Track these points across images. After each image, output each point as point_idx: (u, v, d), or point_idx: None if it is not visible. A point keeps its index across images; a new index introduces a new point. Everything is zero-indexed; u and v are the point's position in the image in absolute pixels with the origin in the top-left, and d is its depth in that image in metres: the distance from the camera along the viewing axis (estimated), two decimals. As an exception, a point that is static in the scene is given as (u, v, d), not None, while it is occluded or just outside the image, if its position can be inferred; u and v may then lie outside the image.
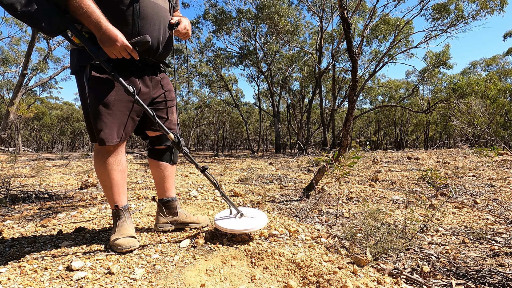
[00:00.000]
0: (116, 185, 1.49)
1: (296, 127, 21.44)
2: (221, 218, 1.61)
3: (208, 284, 1.18)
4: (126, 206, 1.55)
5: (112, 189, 1.49)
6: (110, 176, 1.46)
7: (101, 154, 1.45)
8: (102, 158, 1.45)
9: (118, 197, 1.51)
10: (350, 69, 2.79)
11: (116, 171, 1.48)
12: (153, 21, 1.40)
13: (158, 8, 1.43)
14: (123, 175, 1.52)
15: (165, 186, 1.71)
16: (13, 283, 1.12)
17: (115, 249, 1.41)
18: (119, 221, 1.51)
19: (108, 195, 1.51)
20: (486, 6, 11.52)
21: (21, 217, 2.10)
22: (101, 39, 1.24)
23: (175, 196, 1.76)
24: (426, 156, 6.39)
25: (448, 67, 14.16)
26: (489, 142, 6.40)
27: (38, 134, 28.67)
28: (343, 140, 2.91)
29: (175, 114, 1.70)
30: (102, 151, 1.45)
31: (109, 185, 1.48)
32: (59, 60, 17.98)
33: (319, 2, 14.63)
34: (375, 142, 27.97)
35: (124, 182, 1.53)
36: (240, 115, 20.83)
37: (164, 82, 1.61)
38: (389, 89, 22.57)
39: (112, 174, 1.46)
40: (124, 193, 1.54)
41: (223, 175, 4.70)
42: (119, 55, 1.29)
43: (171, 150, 1.69)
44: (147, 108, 1.36)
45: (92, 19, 1.21)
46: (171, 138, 1.42)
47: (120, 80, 1.30)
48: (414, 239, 1.76)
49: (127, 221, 1.52)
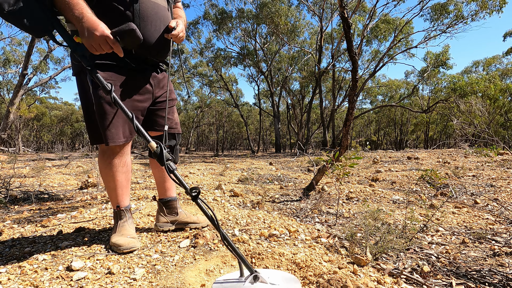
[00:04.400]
0: (120, 187, 1.48)
1: (296, 127, 21.44)
2: (225, 281, 1.09)
3: (208, 284, 1.18)
4: (128, 207, 1.55)
5: (116, 191, 1.48)
6: (114, 178, 1.45)
7: (107, 155, 1.44)
8: (107, 159, 1.44)
9: (121, 198, 1.51)
10: (350, 69, 2.79)
11: (121, 173, 1.47)
12: (153, 21, 1.40)
13: (158, 8, 1.42)
14: (127, 177, 1.51)
15: (166, 185, 1.72)
16: (13, 283, 1.12)
17: (115, 249, 1.40)
18: (120, 221, 1.50)
19: (111, 195, 1.51)
20: (486, 7, 11.53)
21: (21, 217, 2.10)
22: (81, 30, 1.17)
23: (175, 196, 1.76)
24: (426, 156, 6.39)
25: (447, 67, 14.16)
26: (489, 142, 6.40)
27: (38, 134, 28.67)
28: (343, 140, 2.91)
29: (176, 114, 1.70)
30: (108, 152, 1.43)
31: (113, 186, 1.47)
32: (59, 61, 18.00)
33: (319, 3, 14.64)
34: (375, 142, 27.97)
35: (128, 184, 1.53)
36: (240, 115, 20.84)
37: (165, 81, 1.61)
38: (389, 89, 22.59)
39: (116, 175, 1.46)
40: (127, 194, 1.54)
41: (223, 175, 4.70)
42: (99, 48, 1.19)
43: (173, 150, 1.68)
44: (125, 109, 1.19)
45: (75, 11, 1.16)
46: (153, 148, 1.14)
47: (98, 77, 1.20)
48: (414, 239, 1.76)
49: (128, 222, 1.52)
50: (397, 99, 21.36)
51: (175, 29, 1.43)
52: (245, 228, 1.81)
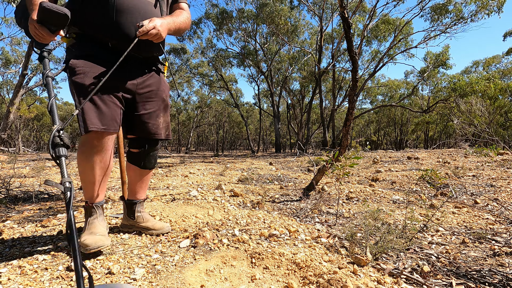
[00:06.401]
0: (97, 182, 1.41)
1: (296, 127, 21.44)
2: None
3: (208, 284, 1.18)
4: (101, 203, 1.47)
5: (89, 185, 1.42)
6: (90, 172, 1.39)
7: (86, 147, 1.37)
8: (86, 152, 1.37)
9: (94, 194, 1.43)
10: (350, 69, 2.79)
11: (97, 168, 1.39)
12: (130, 14, 1.37)
13: (138, 1, 1.39)
14: (106, 173, 1.44)
15: (134, 187, 1.67)
16: (13, 283, 1.12)
17: (82, 250, 1.28)
18: (90, 218, 1.43)
19: (86, 189, 1.43)
20: (485, 7, 11.53)
21: (21, 217, 2.10)
22: None
23: (141, 199, 1.70)
24: (426, 156, 6.39)
25: (447, 67, 14.16)
26: (489, 142, 6.40)
27: (38, 134, 28.67)
28: (343, 140, 2.91)
29: (164, 118, 1.61)
30: (87, 144, 1.36)
31: (88, 179, 1.40)
32: (59, 61, 18.00)
33: (319, 3, 14.65)
34: (375, 142, 27.96)
35: (105, 180, 1.45)
36: (240, 115, 20.83)
37: (152, 81, 1.54)
38: (389, 89, 22.58)
39: (93, 170, 1.38)
40: (102, 190, 1.46)
41: (223, 175, 4.70)
42: (33, 32, 1.20)
43: (143, 155, 1.61)
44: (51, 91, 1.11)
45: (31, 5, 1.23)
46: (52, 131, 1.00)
47: (44, 61, 1.24)
48: (414, 239, 1.76)
49: (98, 219, 1.44)
50: (397, 99, 21.34)
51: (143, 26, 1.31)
52: (245, 228, 1.81)
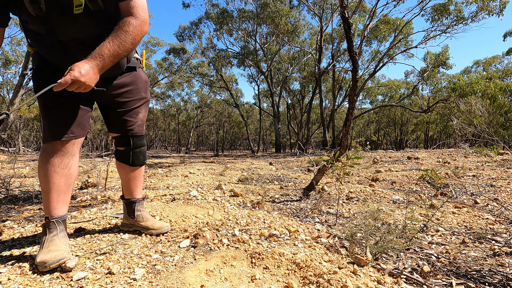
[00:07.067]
0: (56, 191, 1.28)
1: (296, 127, 21.44)
2: None
3: (208, 284, 1.18)
4: (63, 218, 1.31)
5: (49, 195, 1.28)
6: (50, 179, 1.26)
7: (46, 153, 1.29)
8: (46, 158, 1.28)
9: (55, 205, 1.29)
10: (350, 69, 2.79)
11: (59, 175, 1.28)
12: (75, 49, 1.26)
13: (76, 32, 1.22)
14: (68, 181, 1.31)
15: (130, 186, 1.65)
16: (13, 283, 1.12)
17: (40, 269, 1.16)
18: (49, 235, 1.24)
19: (44, 200, 1.29)
20: (486, 8, 11.52)
21: (21, 217, 2.10)
22: None
23: (138, 198, 1.68)
24: (426, 156, 6.39)
25: (447, 67, 14.17)
26: (489, 142, 6.40)
27: (38, 134, 28.68)
28: (343, 140, 2.91)
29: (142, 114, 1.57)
30: (48, 149, 1.29)
31: (47, 189, 1.27)
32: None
33: (319, 3, 14.65)
34: (375, 142, 27.95)
35: (67, 189, 1.32)
36: (240, 115, 20.83)
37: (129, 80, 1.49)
38: (389, 89, 22.58)
39: (53, 177, 1.27)
40: (64, 201, 1.32)
41: (223, 175, 4.70)
42: None
43: (129, 152, 1.57)
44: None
45: None
46: None
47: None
48: (414, 239, 1.76)
49: (59, 236, 1.26)
50: (397, 99, 21.33)
51: None
52: (245, 228, 1.81)
